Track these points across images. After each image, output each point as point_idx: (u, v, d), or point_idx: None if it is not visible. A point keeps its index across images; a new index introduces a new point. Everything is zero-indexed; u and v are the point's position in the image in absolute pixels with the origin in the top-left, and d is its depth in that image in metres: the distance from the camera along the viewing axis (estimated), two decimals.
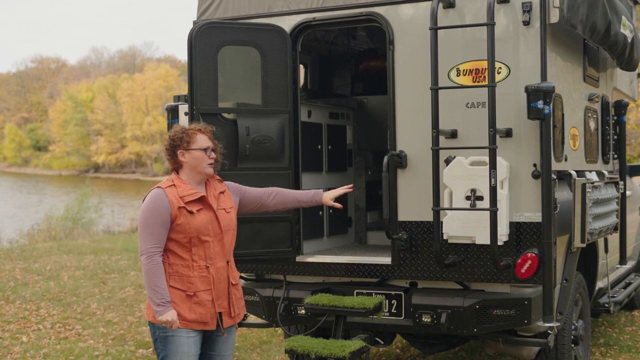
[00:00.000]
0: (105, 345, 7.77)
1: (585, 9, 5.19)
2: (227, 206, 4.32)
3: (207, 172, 4.25)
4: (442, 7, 5.19)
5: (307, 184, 6.16)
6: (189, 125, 4.33)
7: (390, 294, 5.48)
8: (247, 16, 5.88)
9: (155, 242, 4.09)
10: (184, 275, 4.14)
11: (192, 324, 4.13)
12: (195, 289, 4.14)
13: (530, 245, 5.04)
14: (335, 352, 5.00)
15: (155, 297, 4.05)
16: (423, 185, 5.28)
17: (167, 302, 4.06)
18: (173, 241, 4.14)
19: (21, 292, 10.58)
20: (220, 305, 4.22)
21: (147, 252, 4.08)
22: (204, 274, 4.16)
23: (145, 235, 4.10)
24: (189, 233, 4.12)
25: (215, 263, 4.19)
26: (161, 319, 4.05)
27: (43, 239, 18.63)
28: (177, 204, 4.12)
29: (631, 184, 8.32)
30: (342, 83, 8.03)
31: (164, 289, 4.07)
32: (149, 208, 4.12)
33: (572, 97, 5.77)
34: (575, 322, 5.81)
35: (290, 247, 5.69)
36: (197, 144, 4.23)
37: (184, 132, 4.26)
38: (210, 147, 4.26)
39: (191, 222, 4.12)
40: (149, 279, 4.07)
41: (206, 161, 4.23)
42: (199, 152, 4.22)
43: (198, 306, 4.14)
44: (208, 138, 4.28)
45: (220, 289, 4.21)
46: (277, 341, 7.70)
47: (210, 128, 4.36)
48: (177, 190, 4.17)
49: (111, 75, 79.81)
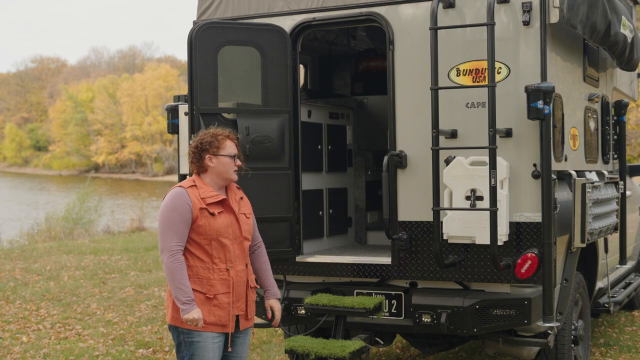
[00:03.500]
0: (105, 345, 7.76)
1: (585, 9, 5.19)
2: (247, 212, 4.36)
3: (233, 179, 4.29)
4: (442, 7, 5.19)
5: (307, 183, 6.16)
6: (217, 130, 4.33)
7: (390, 294, 5.49)
8: (247, 16, 5.88)
9: (178, 240, 4.08)
10: (204, 278, 4.13)
11: (210, 326, 4.12)
12: (216, 292, 4.13)
13: (530, 245, 5.04)
14: (335, 352, 5.01)
15: (181, 295, 4.02)
16: (423, 185, 5.28)
17: (192, 300, 4.04)
18: (193, 242, 4.14)
19: (21, 292, 10.58)
20: (239, 308, 4.22)
21: (170, 250, 4.05)
22: (224, 277, 4.15)
23: (167, 233, 4.08)
24: (209, 235, 4.13)
25: (235, 266, 4.19)
26: (187, 317, 4.01)
27: (43, 239, 18.62)
28: (199, 204, 4.12)
29: (631, 184, 8.32)
30: (342, 83, 8.03)
31: (189, 287, 4.05)
32: (172, 206, 4.11)
33: (572, 97, 5.77)
34: (575, 322, 5.81)
35: (290, 247, 5.69)
36: (226, 150, 4.25)
37: (213, 137, 4.27)
38: (237, 154, 4.29)
39: (212, 223, 4.13)
40: (173, 277, 4.04)
41: (233, 168, 4.26)
42: (227, 158, 4.24)
43: (217, 309, 4.13)
44: (235, 145, 4.30)
45: (239, 292, 4.22)
46: (277, 341, 7.71)
47: (236, 134, 4.39)
48: (199, 191, 4.18)
49: (111, 75, 79.79)
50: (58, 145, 76.33)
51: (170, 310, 4.20)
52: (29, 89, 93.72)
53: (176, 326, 4.17)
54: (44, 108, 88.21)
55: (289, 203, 5.67)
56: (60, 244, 16.58)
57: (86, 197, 22.31)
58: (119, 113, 70.62)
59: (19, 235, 19.46)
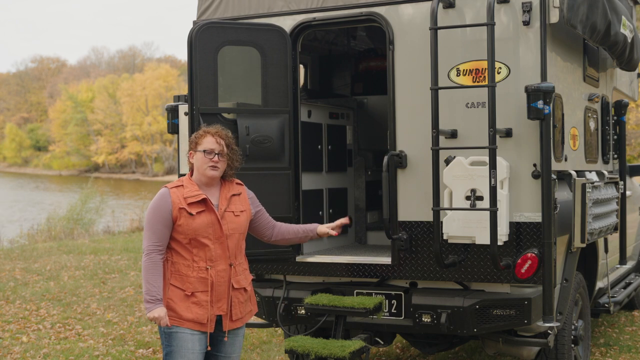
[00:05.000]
0: (105, 345, 7.76)
1: (585, 9, 5.19)
2: (238, 209, 4.33)
3: (209, 175, 4.24)
4: (442, 7, 5.19)
5: (307, 183, 6.16)
6: (207, 128, 4.34)
7: (390, 294, 5.48)
8: (247, 16, 5.88)
9: (156, 240, 4.15)
10: (184, 275, 4.18)
11: (188, 322, 4.15)
12: (194, 289, 4.16)
13: (530, 245, 5.04)
14: (335, 352, 5.00)
15: (147, 294, 4.11)
16: (423, 185, 5.28)
17: (157, 300, 4.10)
18: (176, 241, 4.19)
19: (21, 292, 10.58)
20: (220, 308, 4.23)
21: (146, 250, 4.16)
22: (203, 275, 4.17)
23: (147, 234, 4.19)
24: (188, 234, 4.16)
25: (216, 265, 4.20)
26: (149, 316, 4.10)
27: (43, 239, 18.63)
28: (179, 204, 4.16)
29: (631, 184, 8.32)
30: (342, 83, 8.03)
31: (156, 287, 4.12)
32: (152, 207, 4.21)
33: (572, 97, 5.77)
34: (575, 322, 5.81)
35: (290, 247, 5.69)
36: (202, 145, 4.25)
37: (196, 134, 4.32)
38: (215, 150, 4.24)
39: (190, 223, 4.15)
40: (144, 276, 4.15)
41: (207, 164, 4.23)
42: (200, 154, 4.24)
43: (195, 306, 4.16)
44: (215, 141, 4.26)
45: (219, 292, 4.22)
46: (277, 341, 7.70)
47: (227, 133, 4.35)
48: (184, 190, 4.21)
49: (111, 75, 79.82)
50: (58, 145, 76.36)
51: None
52: (29, 89, 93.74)
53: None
54: (44, 108, 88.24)
55: (289, 203, 5.68)
56: (60, 244, 16.58)
57: (89, 197, 22.33)
58: (119, 113, 70.63)
59: (19, 235, 19.47)
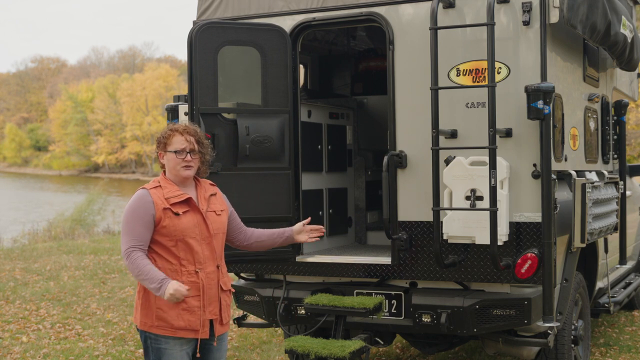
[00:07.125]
0: (105, 345, 7.76)
1: (585, 9, 5.19)
2: (218, 209, 4.17)
3: (182, 175, 4.05)
4: (442, 7, 5.19)
5: (307, 183, 6.16)
6: (173, 125, 4.16)
7: (390, 294, 5.48)
8: (247, 16, 5.88)
9: (136, 242, 3.91)
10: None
11: (180, 331, 3.94)
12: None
13: (530, 245, 5.04)
14: (335, 352, 5.00)
15: (150, 282, 3.85)
16: (423, 185, 5.28)
17: (162, 280, 3.83)
18: (159, 244, 3.98)
19: (21, 292, 10.58)
20: (211, 312, 4.03)
21: (125, 252, 3.92)
22: (193, 279, 3.97)
23: (125, 237, 3.94)
24: (174, 235, 3.95)
25: (205, 268, 4.01)
26: (167, 297, 3.80)
27: (43, 239, 18.63)
28: (162, 205, 3.95)
29: (631, 184, 8.32)
30: (342, 83, 8.03)
31: (154, 271, 3.85)
32: (131, 209, 3.97)
33: (572, 97, 5.77)
34: (575, 322, 5.81)
35: (290, 247, 5.68)
36: (172, 146, 4.05)
37: (163, 134, 4.11)
38: (186, 149, 4.04)
39: (177, 224, 3.96)
40: (136, 273, 3.89)
41: (180, 164, 4.04)
42: (172, 154, 4.05)
43: (186, 313, 3.94)
44: (185, 140, 4.05)
45: (210, 295, 4.02)
46: (277, 341, 7.70)
47: (195, 128, 4.15)
48: (163, 191, 4.02)
49: (111, 75, 79.81)
50: (58, 145, 76.34)
51: (138, 314, 4.06)
52: (29, 89, 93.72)
53: (144, 330, 4.02)
54: (44, 108, 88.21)
55: (289, 203, 5.67)
56: (60, 244, 16.58)
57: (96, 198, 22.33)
58: (119, 113, 70.62)
59: (20, 235, 19.47)
